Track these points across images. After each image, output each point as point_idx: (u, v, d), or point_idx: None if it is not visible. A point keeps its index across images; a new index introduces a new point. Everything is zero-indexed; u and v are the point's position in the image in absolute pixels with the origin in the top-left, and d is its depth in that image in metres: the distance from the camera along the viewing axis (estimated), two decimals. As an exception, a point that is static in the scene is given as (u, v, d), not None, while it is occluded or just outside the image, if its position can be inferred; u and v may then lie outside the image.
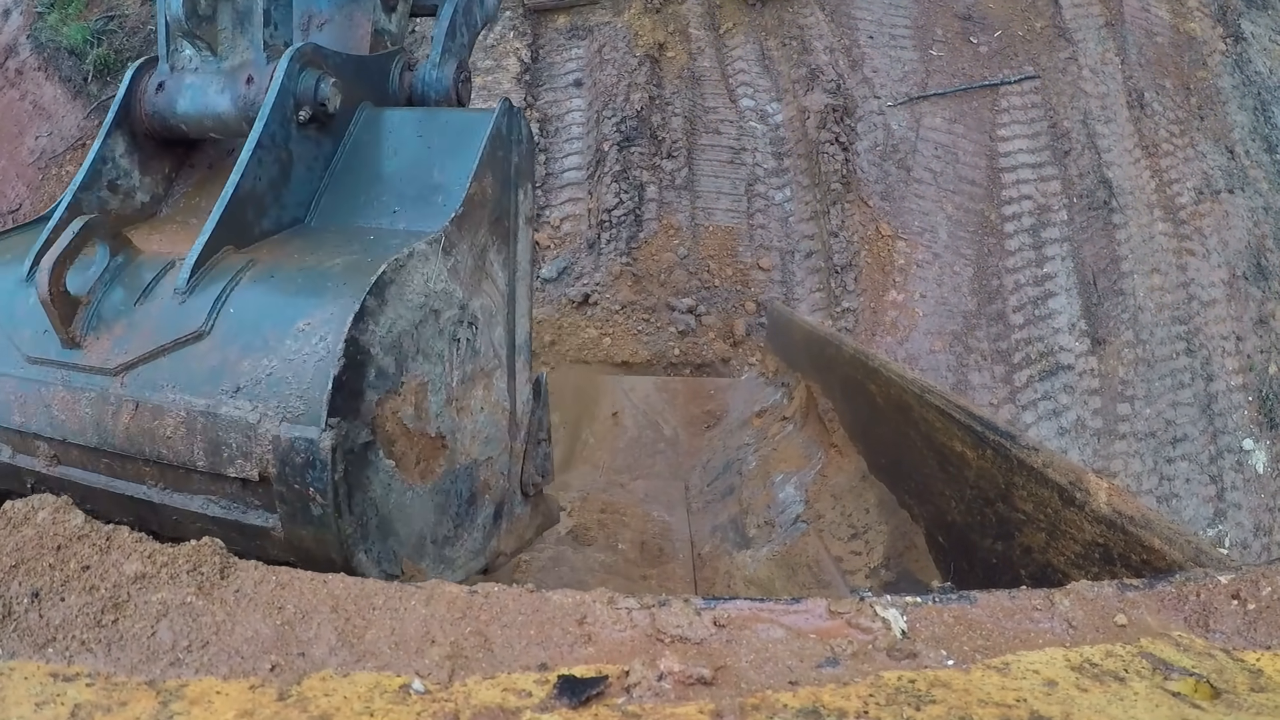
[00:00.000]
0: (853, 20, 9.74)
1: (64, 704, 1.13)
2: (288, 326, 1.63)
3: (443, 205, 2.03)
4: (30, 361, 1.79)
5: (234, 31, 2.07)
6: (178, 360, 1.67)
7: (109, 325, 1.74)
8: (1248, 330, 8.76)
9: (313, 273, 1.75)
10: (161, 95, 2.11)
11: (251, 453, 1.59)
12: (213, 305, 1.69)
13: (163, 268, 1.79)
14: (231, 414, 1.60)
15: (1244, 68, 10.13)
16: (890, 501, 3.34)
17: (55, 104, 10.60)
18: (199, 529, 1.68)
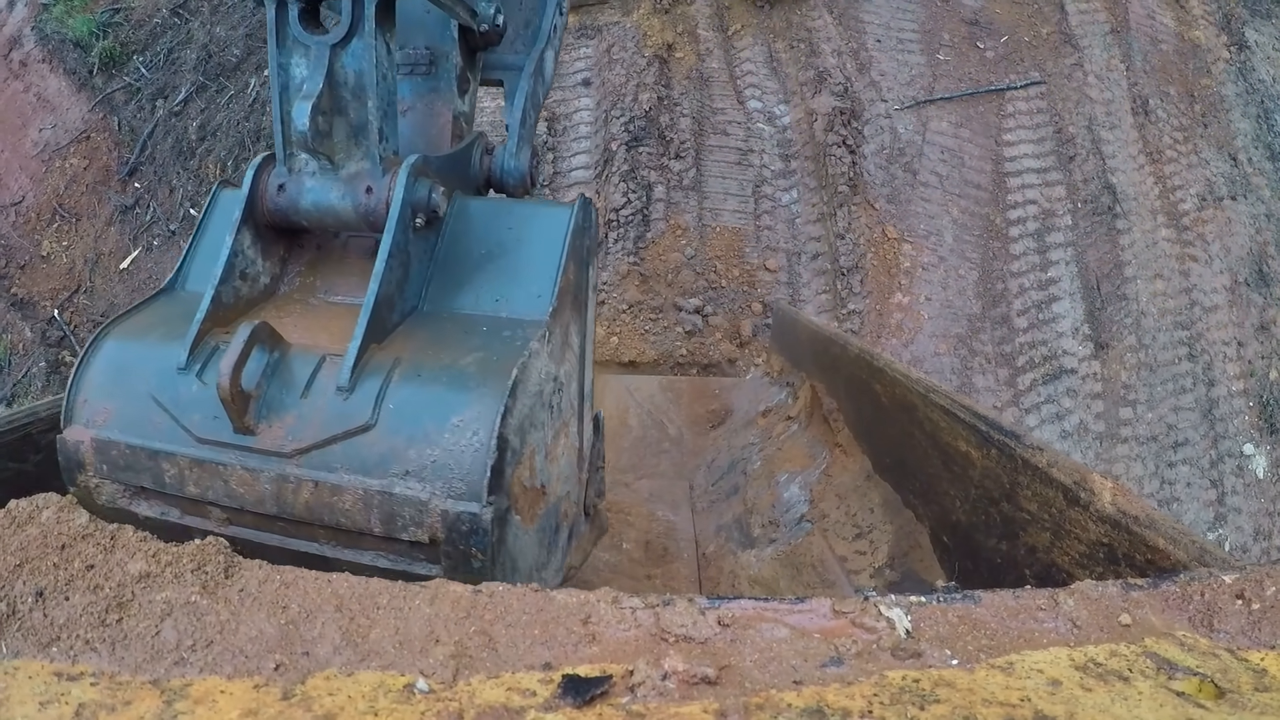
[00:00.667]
0: (861, 24, 9.75)
1: (68, 703, 1.13)
2: (444, 422, 1.96)
3: (539, 297, 2.34)
4: (201, 442, 2.05)
5: (348, 142, 2.35)
6: (350, 448, 1.98)
7: (278, 415, 2.03)
8: (1249, 336, 8.76)
9: (454, 371, 2.08)
10: (283, 196, 2.35)
11: (423, 522, 1.93)
12: (375, 402, 2.00)
13: (316, 363, 2.09)
14: (405, 493, 1.93)
15: (1247, 76, 10.14)
16: (895, 501, 3.34)
17: (59, 96, 10.61)
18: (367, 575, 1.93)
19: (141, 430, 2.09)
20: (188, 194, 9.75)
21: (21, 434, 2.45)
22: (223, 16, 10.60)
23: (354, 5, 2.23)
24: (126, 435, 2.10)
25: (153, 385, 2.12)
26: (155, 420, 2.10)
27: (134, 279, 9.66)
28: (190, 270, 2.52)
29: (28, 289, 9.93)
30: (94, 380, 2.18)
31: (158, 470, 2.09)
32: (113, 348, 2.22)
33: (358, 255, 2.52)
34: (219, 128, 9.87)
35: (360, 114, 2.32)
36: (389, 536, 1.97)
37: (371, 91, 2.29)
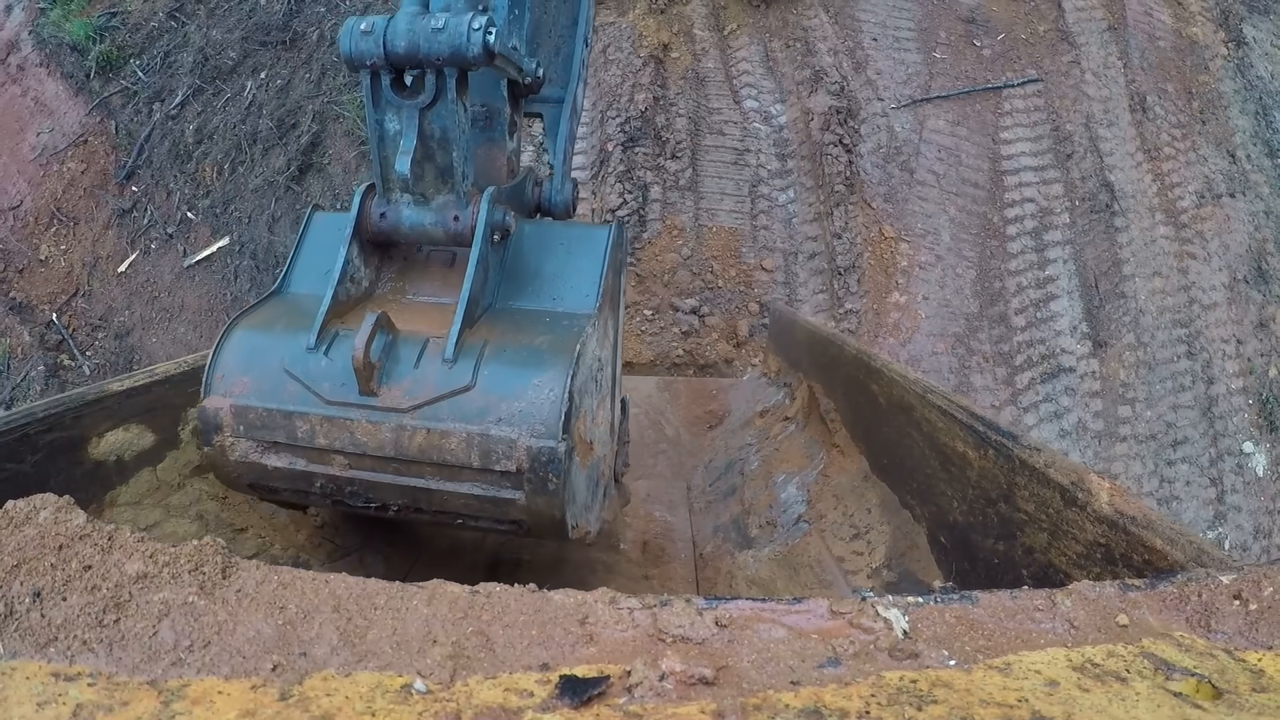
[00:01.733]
0: (857, 22, 9.75)
1: (65, 704, 1.13)
2: (527, 382, 2.59)
3: (586, 296, 3.04)
4: (330, 404, 2.64)
5: (437, 181, 2.98)
6: (455, 404, 2.59)
7: (395, 382, 2.63)
8: (1248, 334, 8.77)
9: (531, 348, 2.72)
10: (385, 221, 3.01)
11: (512, 455, 2.54)
12: (474, 370, 2.61)
13: (423, 344, 2.69)
14: (499, 434, 2.54)
15: (1245, 72, 10.14)
16: (892, 502, 3.34)
17: (57, 100, 10.61)
18: (462, 504, 2.70)
19: (277, 397, 2.68)
20: (184, 197, 9.75)
21: (19, 435, 2.45)
22: (219, 20, 10.60)
23: (438, 77, 2.82)
24: (264, 401, 2.68)
25: (286, 362, 2.69)
26: (289, 389, 2.68)
27: (132, 282, 9.67)
28: (292, 277, 3.15)
29: (26, 293, 9.93)
30: (229, 360, 2.76)
31: (291, 427, 2.67)
32: (242, 335, 2.81)
33: (438, 265, 3.17)
34: (215, 131, 9.87)
35: (445, 159, 2.94)
36: (485, 469, 2.58)
37: (455, 144, 2.89)
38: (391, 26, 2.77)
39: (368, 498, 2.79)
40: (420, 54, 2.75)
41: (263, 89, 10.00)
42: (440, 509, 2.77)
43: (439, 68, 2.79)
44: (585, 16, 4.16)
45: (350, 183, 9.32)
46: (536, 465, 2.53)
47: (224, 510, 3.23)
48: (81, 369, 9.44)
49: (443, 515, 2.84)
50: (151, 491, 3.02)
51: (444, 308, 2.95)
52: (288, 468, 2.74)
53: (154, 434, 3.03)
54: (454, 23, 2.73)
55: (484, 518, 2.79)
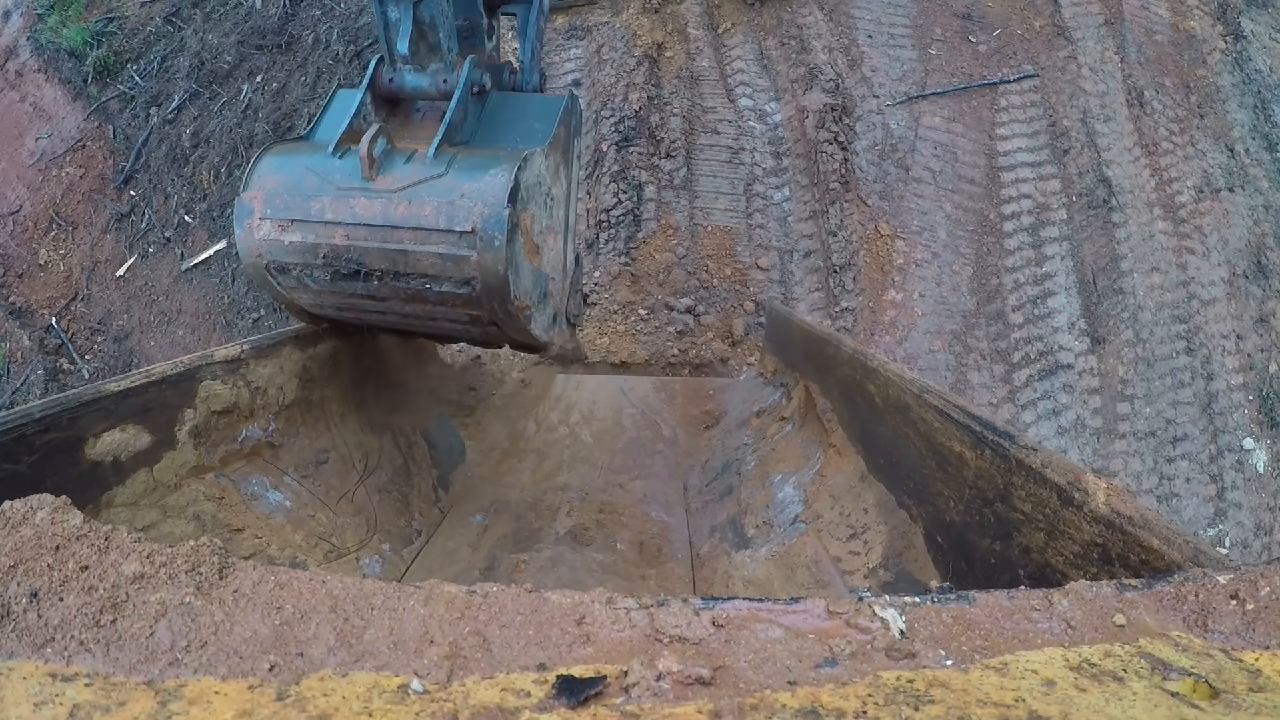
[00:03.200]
0: (851, 19, 9.75)
1: (62, 704, 1.13)
2: (485, 173, 3.37)
3: (541, 137, 3.78)
4: (339, 189, 3.43)
5: (429, 54, 3.79)
6: (431, 185, 3.37)
7: (389, 172, 3.42)
8: (1248, 329, 8.77)
9: (491, 156, 3.47)
10: (392, 84, 3.85)
11: (469, 219, 3.28)
12: (447, 165, 3.42)
13: (411, 152, 3.50)
14: (460, 203, 3.31)
15: (1244, 66, 10.14)
16: (889, 501, 3.34)
17: (55, 105, 10.61)
18: (429, 262, 3.38)
19: (300, 187, 3.48)
20: (182, 201, 9.75)
21: (15, 435, 2.45)
22: (215, 24, 10.60)
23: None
24: (289, 191, 3.48)
25: (309, 164, 3.53)
26: (309, 181, 3.49)
27: (130, 286, 9.66)
28: (317, 129, 3.92)
29: (25, 297, 9.93)
30: (263, 168, 3.57)
31: (307, 207, 3.46)
32: (272, 155, 3.64)
33: (430, 118, 3.92)
34: (212, 134, 9.87)
35: (434, 38, 3.75)
36: (449, 230, 3.31)
37: (441, 27, 3.72)
38: None
39: (359, 262, 3.47)
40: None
41: (258, 92, 9.99)
42: (414, 270, 3.44)
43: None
44: None
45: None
46: (486, 225, 3.27)
47: (221, 511, 3.23)
48: (81, 372, 9.43)
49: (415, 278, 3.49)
50: (148, 492, 3.02)
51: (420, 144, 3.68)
52: (300, 241, 3.48)
53: (150, 435, 3.02)
54: None
55: (446, 278, 3.44)
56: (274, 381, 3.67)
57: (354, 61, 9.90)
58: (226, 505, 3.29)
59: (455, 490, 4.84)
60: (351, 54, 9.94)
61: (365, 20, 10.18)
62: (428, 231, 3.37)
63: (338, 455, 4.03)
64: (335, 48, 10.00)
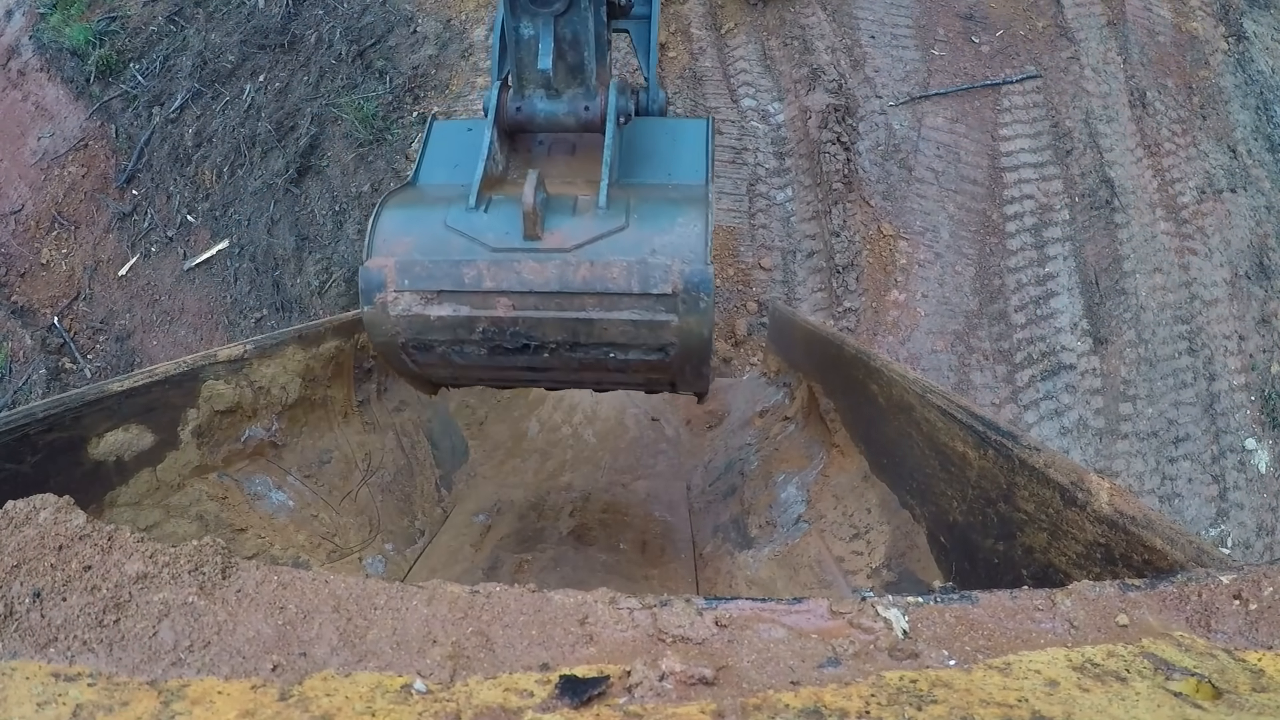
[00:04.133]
0: (854, 20, 9.75)
1: (65, 704, 1.13)
2: (673, 222, 2.98)
3: (696, 170, 3.43)
4: (496, 250, 2.97)
5: (568, 77, 3.34)
6: (613, 241, 2.95)
7: (556, 227, 2.97)
8: (1250, 329, 8.75)
9: (669, 200, 3.11)
10: (521, 113, 3.39)
11: (668, 279, 2.88)
12: (626, 215, 2.99)
13: (574, 199, 3.07)
14: (655, 261, 2.90)
15: (1246, 67, 10.13)
16: (892, 501, 3.34)
17: (57, 105, 10.62)
18: (620, 332, 3.02)
19: (443, 250, 3.01)
20: (184, 200, 9.75)
21: (19, 435, 2.45)
22: (218, 23, 10.61)
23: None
24: (429, 255, 3.01)
25: (448, 220, 3.05)
26: (454, 242, 3.01)
27: (132, 285, 9.67)
28: (421, 172, 3.49)
29: (28, 297, 9.93)
30: (389, 227, 3.09)
31: (458, 274, 2.98)
32: (394, 210, 3.16)
33: (560, 154, 3.56)
34: (215, 134, 9.87)
35: (575, 59, 3.31)
36: (644, 293, 2.91)
37: (586, 46, 3.28)
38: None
39: (529, 335, 3.08)
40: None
41: (261, 92, 10.00)
42: (598, 340, 3.07)
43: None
44: None
45: (349, 184, 9.31)
46: (689, 286, 2.89)
47: (223, 511, 3.24)
48: (83, 372, 9.44)
49: (598, 348, 3.13)
50: (151, 492, 3.02)
51: (573, 184, 3.31)
52: (451, 315, 3.04)
53: (153, 434, 3.03)
54: None
55: (637, 345, 3.08)
56: (277, 381, 3.67)
57: (357, 61, 9.91)
58: (229, 505, 3.29)
59: (458, 490, 4.84)
60: (354, 54, 9.94)
61: (368, 20, 10.18)
62: (617, 296, 2.94)
63: (341, 455, 4.04)
64: (338, 47, 10.00)
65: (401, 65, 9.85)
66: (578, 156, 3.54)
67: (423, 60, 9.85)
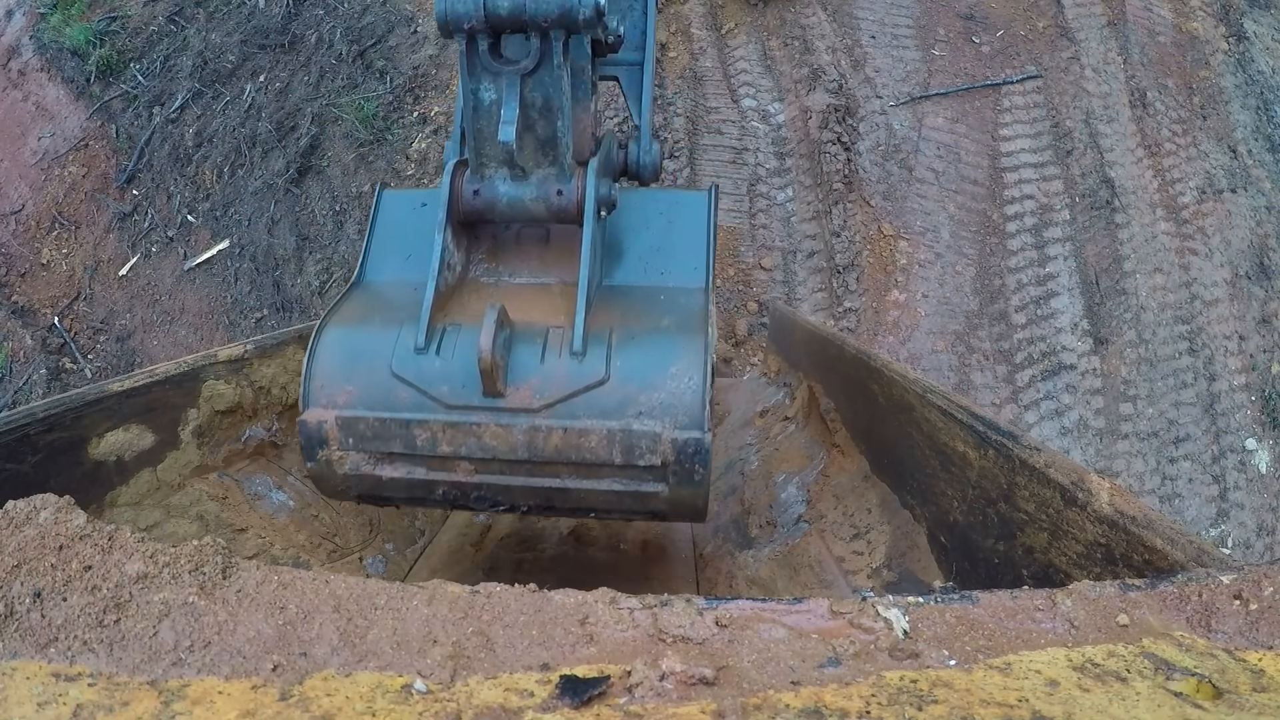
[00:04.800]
0: (855, 20, 9.75)
1: (66, 704, 1.14)
2: (665, 372, 2.49)
3: (695, 269, 2.94)
4: (452, 408, 2.50)
5: (536, 153, 2.77)
6: (591, 399, 2.47)
7: (522, 379, 2.50)
8: (1250, 330, 8.75)
9: (659, 333, 2.61)
10: (479, 199, 2.82)
11: (657, 449, 2.44)
12: (605, 362, 2.50)
13: (544, 335, 2.57)
14: (641, 428, 2.44)
15: (1246, 67, 10.12)
16: (892, 501, 3.33)
17: (58, 105, 10.62)
18: (600, 500, 2.61)
19: (389, 404, 2.55)
20: (184, 200, 9.76)
21: (19, 435, 2.45)
22: (218, 23, 10.61)
23: (542, 41, 2.60)
24: (374, 410, 2.55)
25: (394, 365, 2.56)
26: (401, 395, 2.55)
27: (133, 285, 9.67)
28: (369, 264, 3.02)
29: (28, 297, 9.93)
30: (327, 367, 2.61)
31: (409, 436, 2.53)
32: (337, 337, 2.67)
33: (531, 243, 3.01)
34: (215, 134, 9.88)
35: (547, 130, 2.74)
36: (627, 464, 2.48)
37: (559, 113, 2.71)
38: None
39: (495, 500, 2.69)
40: (526, 15, 2.52)
41: (261, 92, 10.00)
42: (575, 505, 2.71)
43: (545, 30, 2.57)
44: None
45: (349, 184, 9.31)
46: (683, 457, 2.46)
47: (224, 510, 3.24)
48: (84, 372, 9.44)
49: (576, 511, 2.82)
50: (151, 492, 3.02)
51: (545, 289, 2.87)
52: (406, 478, 2.62)
53: (154, 434, 3.03)
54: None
55: (620, 510, 2.73)
56: (277, 381, 3.67)
57: (357, 61, 9.91)
58: (230, 505, 3.29)
59: (458, 490, 4.83)
60: (355, 53, 9.94)
61: (368, 20, 10.18)
62: (595, 466, 2.53)
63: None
64: (338, 47, 10.01)
65: (402, 65, 9.85)
66: (552, 247, 3.00)
67: (423, 60, 9.85)
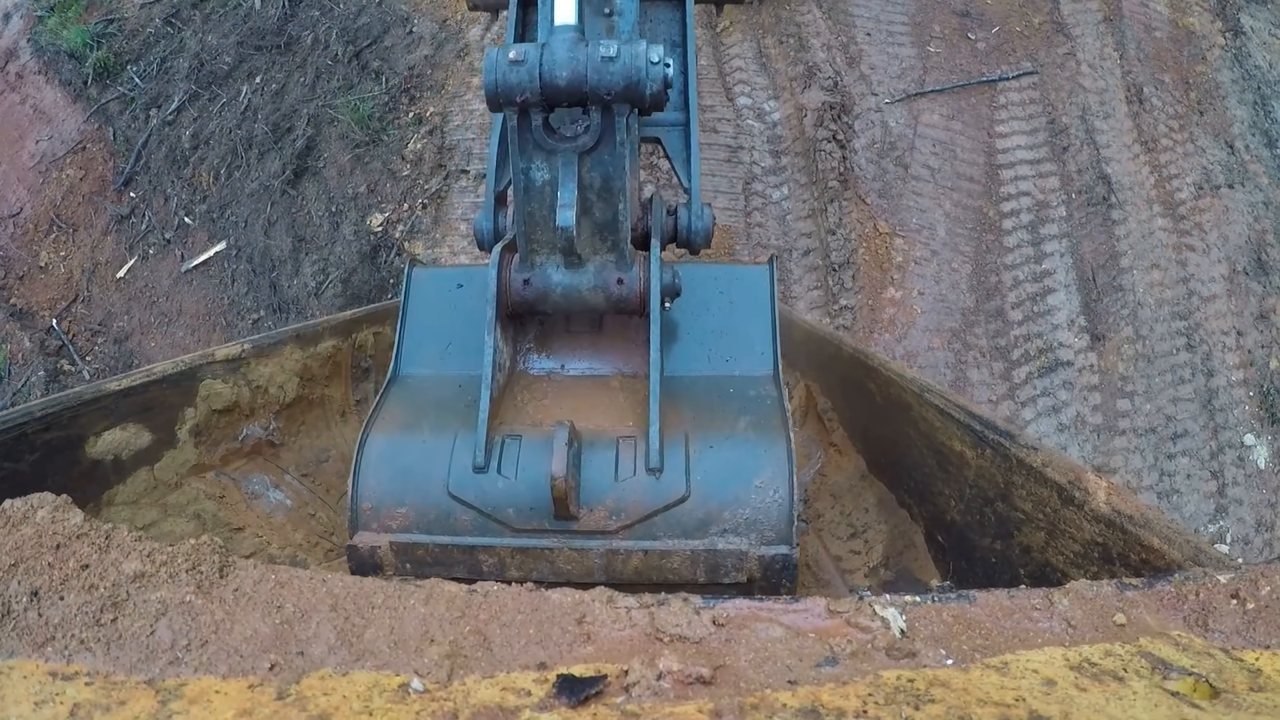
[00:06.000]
0: (850, 17, 9.74)
1: (63, 703, 1.13)
2: (748, 485, 2.32)
3: (761, 355, 2.74)
4: (519, 532, 2.33)
5: (593, 238, 2.56)
6: (671, 518, 2.32)
7: (597, 499, 2.32)
8: (1248, 325, 8.75)
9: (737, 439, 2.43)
10: (529, 289, 2.60)
11: (743, 567, 2.28)
12: (685, 477, 2.33)
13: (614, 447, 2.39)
14: (726, 547, 2.28)
15: (1243, 62, 10.12)
16: (889, 501, 3.34)
17: (55, 108, 10.60)
18: None
19: (448, 528, 2.35)
20: (181, 202, 9.74)
21: (16, 434, 2.45)
22: (214, 25, 10.59)
23: (604, 116, 2.39)
24: (432, 535, 2.35)
25: (452, 485, 2.37)
26: (462, 518, 2.36)
27: (130, 287, 9.66)
28: (404, 355, 2.82)
29: (26, 299, 9.92)
30: (377, 487, 2.40)
31: (474, 562, 2.34)
32: (384, 452, 2.45)
33: (583, 331, 2.82)
34: (211, 136, 9.86)
35: (606, 212, 2.53)
36: (710, 583, 2.31)
37: (620, 195, 2.49)
38: (548, 55, 2.31)
39: None
40: (587, 87, 2.31)
41: (258, 93, 9.98)
42: None
43: (608, 104, 2.36)
44: (690, 28, 3.65)
45: (346, 186, 9.31)
46: (770, 574, 2.30)
47: (221, 509, 3.24)
48: (82, 374, 9.43)
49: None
50: (149, 491, 3.02)
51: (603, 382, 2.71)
52: None
53: (151, 433, 3.03)
54: (628, 52, 2.30)
55: None
56: (274, 380, 3.67)
57: (353, 62, 9.90)
58: (227, 504, 3.29)
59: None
60: (350, 54, 9.93)
61: (364, 20, 10.17)
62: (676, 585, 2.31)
63: (338, 454, 4.03)
64: (334, 48, 9.99)
65: (398, 66, 9.84)
66: (606, 334, 2.82)
67: (418, 61, 9.84)
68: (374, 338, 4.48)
